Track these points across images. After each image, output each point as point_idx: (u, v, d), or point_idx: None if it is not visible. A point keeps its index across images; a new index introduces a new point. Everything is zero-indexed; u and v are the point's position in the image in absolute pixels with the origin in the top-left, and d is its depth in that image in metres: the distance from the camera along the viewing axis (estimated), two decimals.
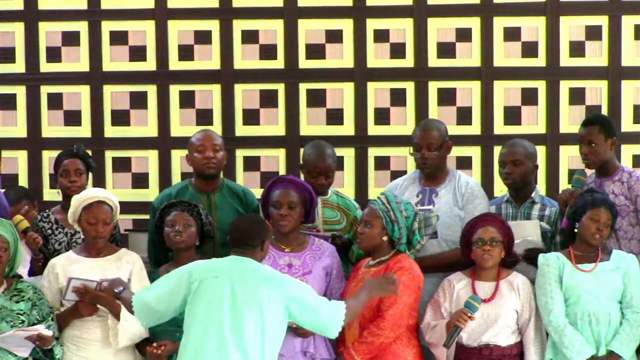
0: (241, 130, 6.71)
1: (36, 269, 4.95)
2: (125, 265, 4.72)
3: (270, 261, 4.75)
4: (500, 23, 6.63)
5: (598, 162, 5.09)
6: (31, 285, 4.66)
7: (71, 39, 6.73)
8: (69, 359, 4.63)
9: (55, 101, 6.75)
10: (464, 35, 6.64)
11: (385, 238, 4.66)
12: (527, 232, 4.95)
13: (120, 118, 6.73)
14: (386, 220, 4.64)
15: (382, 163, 6.66)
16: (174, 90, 6.72)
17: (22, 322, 4.51)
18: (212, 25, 6.71)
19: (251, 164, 6.71)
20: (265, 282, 4.16)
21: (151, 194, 6.26)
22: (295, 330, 4.59)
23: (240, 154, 6.70)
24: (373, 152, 6.68)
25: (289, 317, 4.20)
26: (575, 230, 4.76)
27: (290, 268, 4.75)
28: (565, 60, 6.62)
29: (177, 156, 6.61)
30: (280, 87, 6.71)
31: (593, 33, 6.60)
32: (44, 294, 4.65)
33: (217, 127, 6.58)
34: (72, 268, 4.68)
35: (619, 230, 4.99)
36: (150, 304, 4.20)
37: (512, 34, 6.63)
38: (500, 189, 5.86)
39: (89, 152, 5.51)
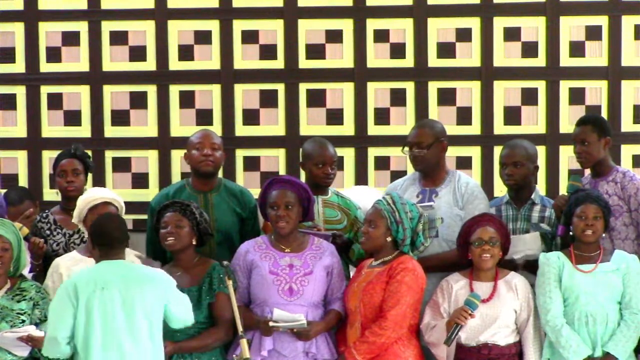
0: (241, 130, 6.71)
1: (35, 273, 4.95)
2: None
3: (271, 262, 4.75)
4: (500, 23, 6.63)
5: (591, 161, 5.10)
6: (35, 285, 4.67)
7: (71, 39, 6.73)
8: None
9: (55, 101, 6.74)
10: (464, 35, 6.64)
11: (389, 239, 4.66)
12: (528, 245, 4.95)
13: (120, 118, 6.73)
14: (391, 221, 4.64)
15: (382, 163, 6.66)
16: (174, 90, 6.72)
17: (23, 322, 4.52)
18: (212, 25, 6.71)
19: (251, 164, 6.71)
20: (150, 282, 4.29)
21: (151, 194, 6.24)
22: (297, 334, 4.60)
23: (240, 154, 6.70)
24: (373, 152, 6.67)
25: (165, 312, 4.33)
26: (571, 233, 4.76)
27: (291, 268, 4.74)
28: (565, 60, 6.62)
29: (177, 156, 6.61)
30: (280, 87, 6.71)
31: (593, 33, 6.60)
32: (48, 294, 4.66)
33: (217, 127, 6.58)
34: (76, 268, 4.67)
35: (613, 231, 4.99)
36: (57, 338, 4.21)
37: (512, 34, 6.62)
38: (501, 189, 5.85)
39: (89, 152, 5.51)
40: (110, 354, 4.18)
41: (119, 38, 6.72)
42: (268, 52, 6.70)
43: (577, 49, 6.61)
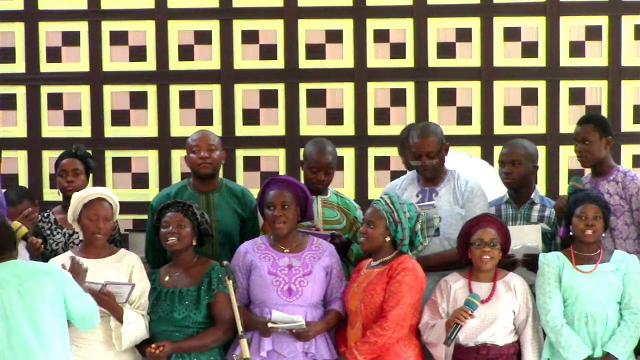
0: (241, 130, 6.72)
1: None
2: (125, 266, 4.71)
3: (270, 262, 4.74)
4: (500, 23, 6.64)
5: (592, 160, 5.10)
6: None
7: (71, 39, 6.74)
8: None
9: (55, 101, 6.76)
10: (464, 35, 6.65)
11: (388, 239, 4.65)
12: (528, 237, 4.93)
13: (120, 118, 6.74)
14: (389, 221, 4.63)
15: (382, 163, 6.66)
16: (174, 90, 6.73)
17: None
18: (212, 25, 6.72)
19: (251, 164, 6.72)
20: (45, 275, 4.23)
21: (151, 194, 6.25)
22: (296, 335, 4.60)
23: (240, 154, 6.71)
24: (373, 152, 6.68)
25: (66, 308, 4.25)
26: (571, 233, 4.76)
27: (290, 269, 4.73)
28: (565, 60, 6.63)
29: (177, 156, 6.62)
30: (280, 87, 6.71)
31: (593, 33, 6.61)
32: None
33: (217, 127, 6.59)
34: None
35: (615, 230, 4.99)
36: None
37: (512, 34, 6.63)
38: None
39: (89, 152, 5.51)
40: (16, 353, 4.10)
41: (119, 38, 6.73)
42: (268, 52, 6.71)
43: (577, 49, 6.62)
